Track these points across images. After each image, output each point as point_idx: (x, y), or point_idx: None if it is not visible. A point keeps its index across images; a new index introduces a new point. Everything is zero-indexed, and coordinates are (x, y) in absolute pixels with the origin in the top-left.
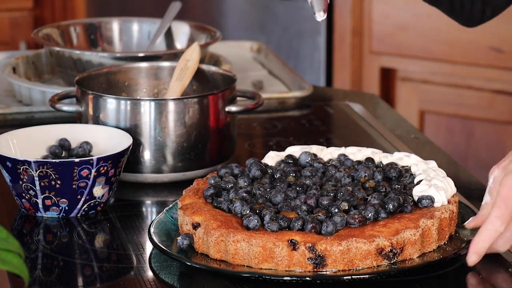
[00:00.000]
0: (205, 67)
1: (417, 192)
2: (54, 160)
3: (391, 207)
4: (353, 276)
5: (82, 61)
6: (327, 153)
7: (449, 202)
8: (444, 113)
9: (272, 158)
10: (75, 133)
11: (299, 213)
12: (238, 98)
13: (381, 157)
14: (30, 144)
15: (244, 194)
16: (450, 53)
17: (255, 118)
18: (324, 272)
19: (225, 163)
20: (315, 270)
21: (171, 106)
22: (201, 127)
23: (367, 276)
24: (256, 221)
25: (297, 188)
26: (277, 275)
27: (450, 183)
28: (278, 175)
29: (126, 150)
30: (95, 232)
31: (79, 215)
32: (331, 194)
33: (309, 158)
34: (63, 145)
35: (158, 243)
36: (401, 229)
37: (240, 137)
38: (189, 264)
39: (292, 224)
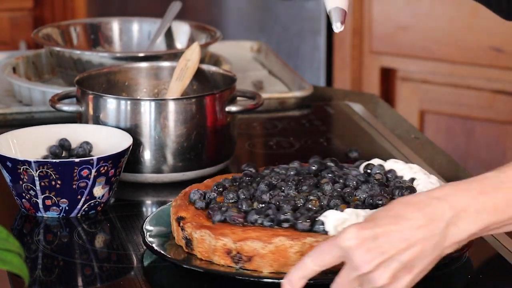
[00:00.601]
0: (205, 67)
1: (322, 215)
2: (54, 160)
3: (278, 218)
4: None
5: (82, 61)
6: (411, 173)
7: None
8: (444, 113)
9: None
10: (75, 133)
11: (224, 200)
12: (238, 98)
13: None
14: (30, 144)
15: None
16: (450, 53)
17: (255, 118)
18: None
19: (225, 163)
20: (187, 250)
21: (171, 106)
22: (201, 127)
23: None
24: (196, 196)
25: (302, 187)
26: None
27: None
28: (326, 174)
29: (126, 150)
30: (95, 232)
31: (79, 215)
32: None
33: (378, 171)
34: (63, 145)
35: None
36: (251, 238)
37: (240, 137)
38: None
39: (210, 207)
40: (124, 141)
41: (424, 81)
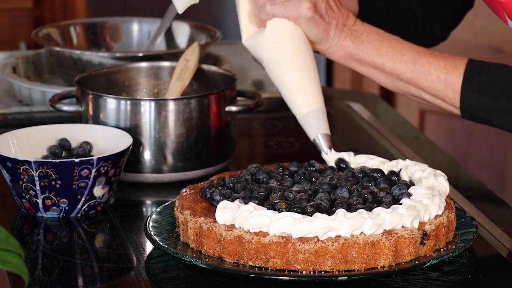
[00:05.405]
0: (205, 67)
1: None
2: (54, 160)
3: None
4: None
5: (82, 61)
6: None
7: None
8: (444, 113)
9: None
10: (75, 133)
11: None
12: (238, 98)
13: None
14: (30, 144)
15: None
16: (450, 52)
17: (255, 118)
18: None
19: (225, 163)
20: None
21: (171, 106)
22: (201, 127)
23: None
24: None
25: (307, 186)
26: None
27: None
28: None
29: (126, 150)
30: (95, 232)
31: (79, 215)
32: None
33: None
34: (63, 145)
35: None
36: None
37: (240, 137)
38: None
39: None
40: (124, 141)
41: None
